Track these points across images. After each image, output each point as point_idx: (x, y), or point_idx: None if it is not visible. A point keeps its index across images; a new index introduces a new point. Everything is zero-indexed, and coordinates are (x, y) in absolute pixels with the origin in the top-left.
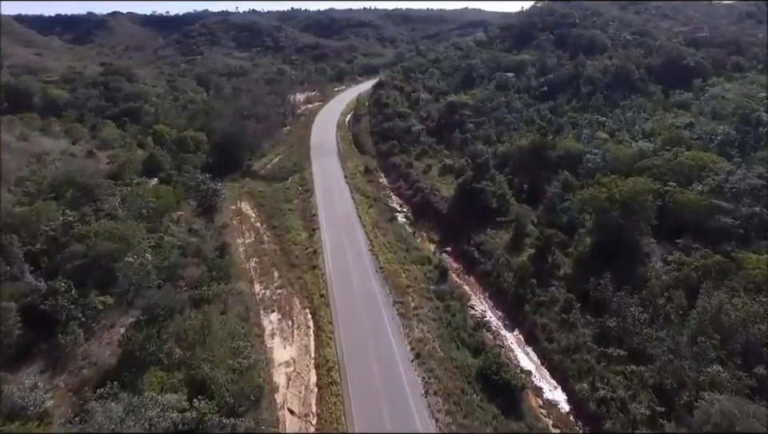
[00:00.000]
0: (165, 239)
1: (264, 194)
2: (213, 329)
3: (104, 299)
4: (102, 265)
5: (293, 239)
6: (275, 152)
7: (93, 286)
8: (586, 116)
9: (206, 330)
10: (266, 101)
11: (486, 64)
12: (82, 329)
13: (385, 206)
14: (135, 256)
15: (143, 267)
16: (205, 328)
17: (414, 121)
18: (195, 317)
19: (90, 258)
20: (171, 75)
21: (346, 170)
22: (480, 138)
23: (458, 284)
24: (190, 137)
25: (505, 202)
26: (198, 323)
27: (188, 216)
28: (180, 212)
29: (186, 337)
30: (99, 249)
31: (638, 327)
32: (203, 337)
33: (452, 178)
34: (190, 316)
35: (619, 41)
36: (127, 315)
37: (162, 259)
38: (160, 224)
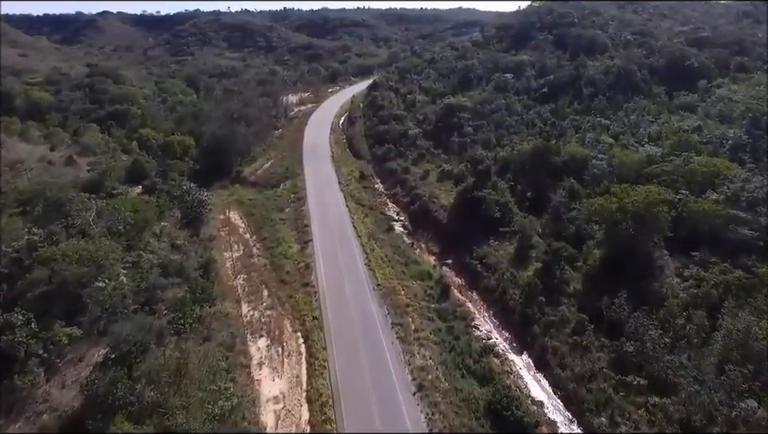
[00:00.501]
0: (143, 257)
1: (254, 203)
2: (190, 368)
3: (70, 331)
4: (70, 291)
5: (284, 252)
6: (266, 157)
7: (58, 315)
8: (589, 119)
9: (183, 370)
10: (257, 103)
11: (483, 65)
12: (43, 367)
13: (381, 214)
14: (108, 280)
15: (117, 291)
16: (182, 368)
17: (411, 124)
18: (172, 352)
19: (55, 284)
20: (160, 76)
21: (340, 175)
22: (479, 142)
23: (461, 302)
24: (176, 142)
25: (508, 211)
26: (173, 362)
27: (171, 229)
28: (165, 223)
29: (160, 379)
30: (65, 274)
31: (658, 352)
32: (179, 377)
33: (451, 185)
34: (166, 351)
35: (620, 41)
36: (98, 346)
37: (139, 281)
38: (139, 240)
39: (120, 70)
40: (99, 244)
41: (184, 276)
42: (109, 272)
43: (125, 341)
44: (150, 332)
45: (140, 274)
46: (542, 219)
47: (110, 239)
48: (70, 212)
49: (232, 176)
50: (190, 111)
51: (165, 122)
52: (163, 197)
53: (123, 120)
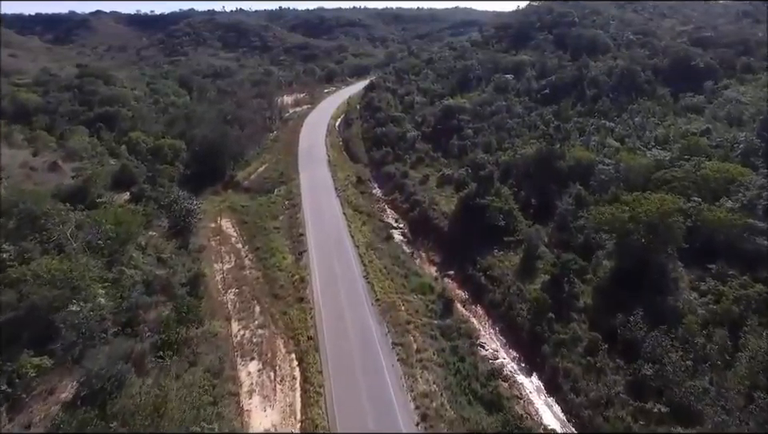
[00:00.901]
0: (126, 273)
1: (247, 210)
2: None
3: (39, 362)
4: (41, 316)
5: (277, 263)
6: (260, 160)
7: (27, 343)
8: (593, 121)
9: (162, 408)
10: (251, 104)
11: (482, 65)
12: (6, 404)
13: (379, 222)
14: (84, 302)
15: (95, 313)
16: (160, 407)
17: (409, 126)
18: (151, 388)
19: (23, 308)
20: (153, 77)
21: (336, 180)
22: (480, 145)
23: (465, 317)
24: (167, 145)
25: (512, 219)
26: (151, 401)
27: (159, 240)
28: (153, 232)
29: (135, 421)
30: (35, 298)
31: (679, 376)
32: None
33: (451, 190)
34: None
35: (622, 41)
36: (71, 376)
37: (119, 301)
38: (122, 254)
39: (111, 70)
40: (76, 262)
41: (170, 293)
42: (85, 293)
43: (97, 376)
44: (130, 360)
45: (121, 292)
46: (548, 227)
47: (88, 255)
48: (46, 226)
49: (225, 181)
50: (181, 113)
51: (156, 124)
52: (151, 205)
53: (113, 122)
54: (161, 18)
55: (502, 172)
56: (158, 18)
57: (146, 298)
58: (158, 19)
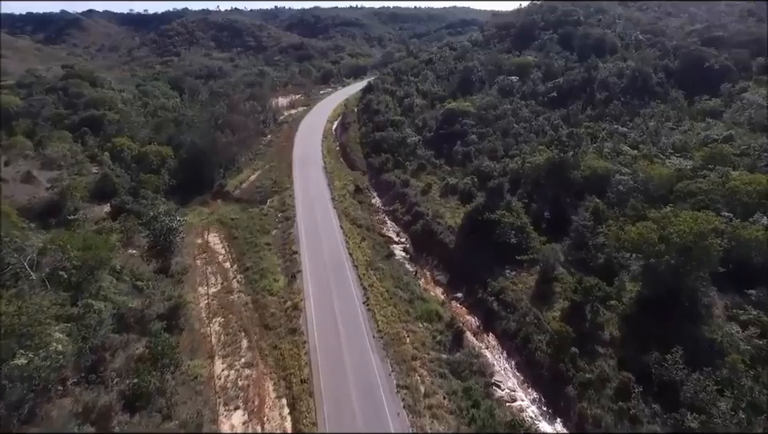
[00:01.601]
0: (93, 307)
1: (237, 223)
2: None
3: None
4: None
5: (268, 286)
6: (253, 167)
7: None
8: (604, 126)
9: None
10: (243, 108)
11: (484, 66)
12: None
13: (380, 236)
14: (36, 350)
15: (50, 362)
16: None
17: (409, 130)
18: None
19: None
20: (145, 78)
21: (333, 190)
22: (485, 152)
23: (477, 350)
24: (152, 153)
25: (525, 235)
26: None
27: (137, 260)
28: (132, 251)
29: None
30: None
31: (730, 428)
32: None
33: (456, 201)
34: None
35: (630, 40)
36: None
37: (82, 343)
38: (90, 283)
39: (98, 71)
40: (29, 301)
41: (144, 329)
42: (38, 339)
43: None
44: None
45: (85, 332)
46: (563, 243)
47: (49, 289)
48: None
49: (214, 190)
50: (170, 117)
51: (143, 129)
52: (131, 220)
53: (99, 127)
54: (154, 17)
55: (509, 181)
56: (151, 18)
57: (116, 336)
58: (151, 19)
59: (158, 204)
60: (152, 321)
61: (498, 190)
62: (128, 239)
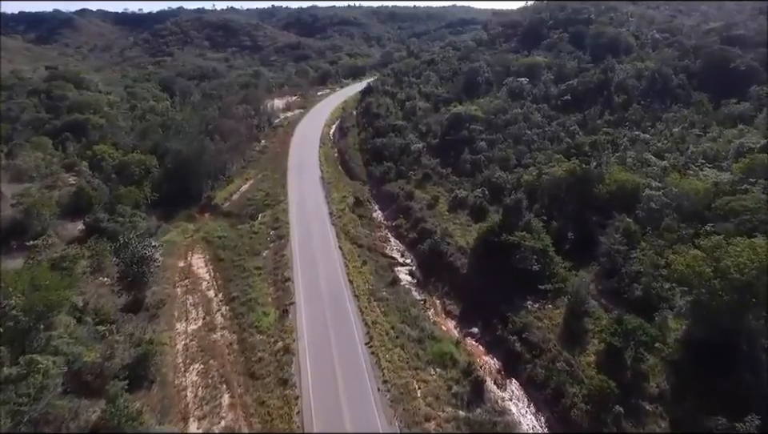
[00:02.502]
0: (39, 365)
1: (225, 242)
2: None
3: None
4: None
5: (257, 321)
6: (245, 176)
7: None
8: (625, 132)
9: None
10: (236, 112)
11: (491, 67)
12: None
13: (382, 257)
14: None
15: None
16: None
17: (412, 136)
18: None
19: None
20: (136, 79)
21: (330, 202)
22: (496, 161)
23: (500, 404)
24: (134, 162)
25: (548, 261)
26: None
27: (105, 293)
28: (104, 279)
29: None
30: None
31: None
32: None
33: (467, 217)
34: None
35: (646, 40)
36: None
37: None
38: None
39: (84, 73)
40: None
41: (101, 389)
42: None
43: None
44: None
45: (26, 397)
46: (590, 267)
47: None
48: None
49: (202, 203)
50: (158, 122)
51: (127, 135)
52: (102, 244)
53: (82, 132)
54: (149, 16)
55: (524, 194)
56: (145, 17)
57: (63, 403)
58: (145, 18)
59: (136, 222)
60: (113, 377)
61: (515, 208)
62: (99, 265)
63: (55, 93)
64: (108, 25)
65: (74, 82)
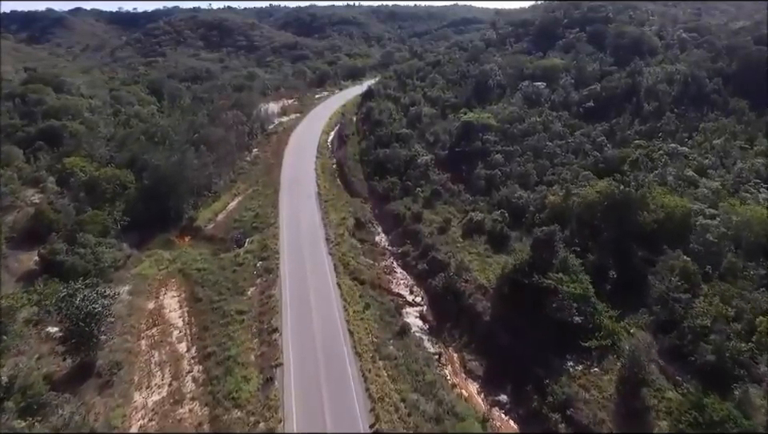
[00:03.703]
0: None
1: (204, 276)
2: None
3: None
4: None
5: (235, 391)
6: (233, 192)
7: None
8: (659, 145)
9: None
10: (225, 118)
11: (503, 70)
12: None
13: (387, 294)
14: None
15: None
16: None
17: (419, 147)
18: None
19: None
20: (124, 81)
21: (328, 225)
22: (514, 177)
23: None
24: (107, 178)
25: (591, 308)
26: None
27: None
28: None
29: None
30: None
31: None
32: None
33: (485, 245)
34: None
35: (672, 40)
36: None
37: None
38: None
39: (65, 75)
40: None
41: None
42: None
43: None
44: None
45: None
46: (639, 316)
47: None
48: None
49: (182, 225)
50: (141, 129)
51: (107, 144)
52: (52, 286)
53: (58, 140)
54: (144, 15)
55: (548, 218)
56: (140, 16)
57: None
58: (140, 17)
59: (101, 253)
60: None
61: (547, 242)
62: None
63: (31, 97)
64: (102, 24)
65: (53, 85)
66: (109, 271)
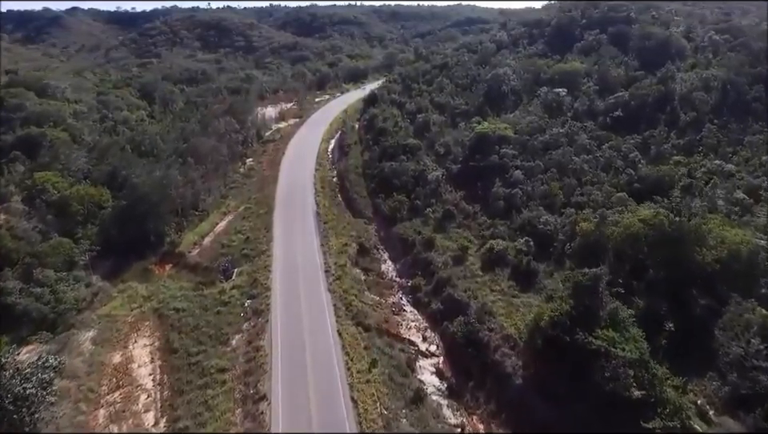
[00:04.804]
0: None
1: (183, 319)
2: None
3: None
4: None
5: None
6: (223, 210)
7: None
8: (701, 161)
9: None
10: (218, 126)
11: (518, 74)
12: None
13: (397, 341)
14: None
15: None
16: None
17: (429, 161)
18: None
19: None
20: (116, 83)
21: (328, 253)
22: (537, 197)
23: None
24: (78, 198)
25: (649, 376)
26: None
27: None
28: None
29: None
30: None
31: None
32: None
33: (509, 282)
34: None
35: (702, 42)
36: None
37: None
38: None
39: (50, 78)
40: None
41: None
42: None
43: None
44: None
45: None
46: (706, 382)
47: None
48: None
49: (163, 250)
50: (126, 137)
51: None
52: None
53: (38, 150)
54: (142, 15)
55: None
56: (138, 16)
57: None
58: (138, 17)
59: (61, 292)
60: None
61: (591, 289)
62: None
63: (9, 102)
64: (99, 24)
65: (35, 89)
66: (70, 315)
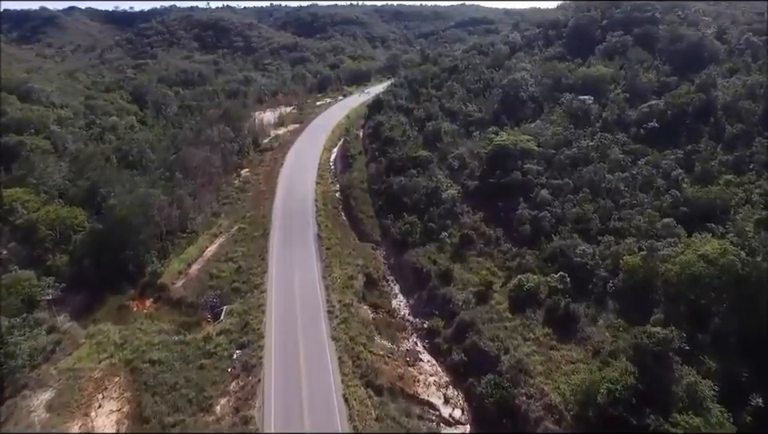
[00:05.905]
0: None
1: (159, 375)
2: None
3: None
4: None
5: None
6: (213, 231)
7: None
8: (756, 181)
9: None
10: (211, 135)
11: (536, 79)
12: None
13: (414, 403)
14: None
15: None
16: None
17: (442, 176)
18: None
19: None
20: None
21: (330, 286)
22: (568, 221)
23: None
24: (49, 221)
25: None
26: None
27: None
28: None
29: None
30: None
31: None
32: None
33: (544, 328)
34: None
35: (739, 45)
36: None
37: None
38: None
39: (34, 81)
40: None
41: None
42: None
43: None
44: None
45: None
46: None
47: None
48: None
49: (144, 281)
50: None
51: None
52: None
53: (16, 160)
54: (140, 15)
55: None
56: (136, 16)
57: None
58: (136, 17)
59: (14, 344)
60: None
61: (662, 358)
62: None
63: None
64: (97, 24)
65: (18, 94)
66: (23, 372)
